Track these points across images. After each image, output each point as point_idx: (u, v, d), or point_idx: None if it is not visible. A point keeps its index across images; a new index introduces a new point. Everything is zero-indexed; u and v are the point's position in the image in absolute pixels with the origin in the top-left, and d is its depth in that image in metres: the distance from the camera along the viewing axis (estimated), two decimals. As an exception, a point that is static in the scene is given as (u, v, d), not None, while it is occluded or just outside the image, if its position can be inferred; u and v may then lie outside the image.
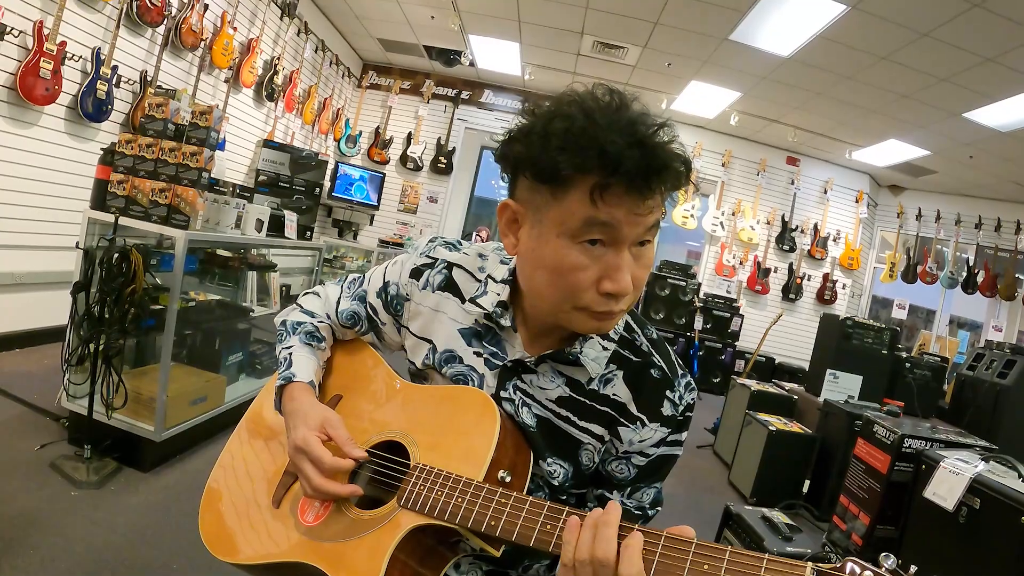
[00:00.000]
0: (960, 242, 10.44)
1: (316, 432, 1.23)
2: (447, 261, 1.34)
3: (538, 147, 1.00)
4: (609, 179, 0.95)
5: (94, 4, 4.86)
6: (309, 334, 1.44)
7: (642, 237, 1.03)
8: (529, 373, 1.23)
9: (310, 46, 8.41)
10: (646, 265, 1.07)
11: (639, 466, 1.23)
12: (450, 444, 1.17)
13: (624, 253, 1.02)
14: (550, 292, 1.08)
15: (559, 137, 0.97)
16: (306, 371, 1.37)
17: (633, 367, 1.23)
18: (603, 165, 0.95)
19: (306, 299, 1.51)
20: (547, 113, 1.02)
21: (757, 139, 10.56)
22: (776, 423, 4.96)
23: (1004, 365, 5.30)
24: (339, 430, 1.24)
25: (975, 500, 2.29)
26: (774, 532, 2.85)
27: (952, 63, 6.21)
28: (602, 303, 1.05)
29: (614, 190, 0.96)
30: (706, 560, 0.86)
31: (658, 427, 1.21)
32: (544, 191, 1.02)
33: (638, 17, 6.90)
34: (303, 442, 1.21)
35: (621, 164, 0.94)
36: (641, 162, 0.94)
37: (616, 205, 0.97)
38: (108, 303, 3.13)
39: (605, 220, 0.99)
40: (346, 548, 1.15)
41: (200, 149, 3.30)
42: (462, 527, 1.06)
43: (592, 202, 0.97)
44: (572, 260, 1.02)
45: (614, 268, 1.02)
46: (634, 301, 1.10)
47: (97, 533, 2.74)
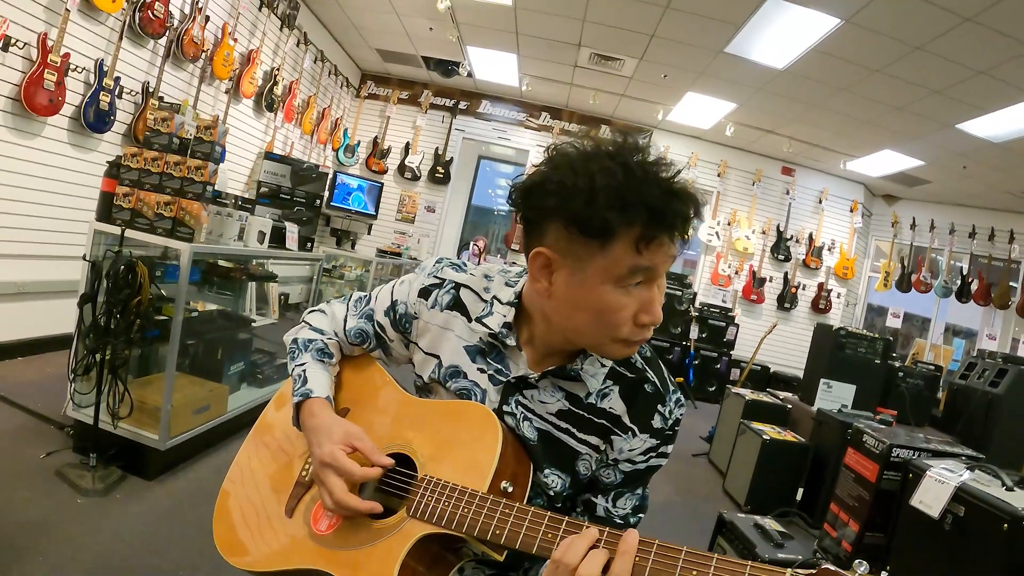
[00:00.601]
0: (954, 251, 10.48)
1: (341, 445, 1.28)
2: (455, 282, 1.41)
3: (583, 203, 1.06)
4: (652, 231, 1.05)
5: (97, 16, 4.92)
6: (320, 351, 1.49)
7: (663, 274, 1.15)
8: (530, 389, 1.30)
9: (309, 57, 8.48)
10: (663, 293, 1.17)
11: (625, 472, 1.30)
12: (455, 457, 1.24)
13: (654, 288, 1.14)
14: (591, 330, 1.17)
15: (606, 195, 1.04)
16: (322, 387, 1.42)
17: (628, 382, 1.30)
18: (648, 218, 1.04)
19: (313, 316, 1.56)
20: (583, 169, 1.07)
21: (753, 150, 10.63)
22: (770, 432, 5.00)
23: (996, 374, 5.35)
24: (364, 441, 1.30)
25: (960, 508, 2.35)
26: (766, 539, 2.91)
27: (945, 75, 6.29)
28: (638, 333, 1.16)
29: (658, 239, 1.07)
30: (694, 567, 0.93)
31: (648, 438, 1.28)
32: (590, 243, 1.09)
33: (635, 30, 6.97)
34: (330, 457, 1.26)
35: (665, 217, 1.05)
36: (680, 212, 1.06)
37: (656, 252, 1.08)
38: (114, 314, 3.18)
39: (647, 266, 1.09)
40: (359, 556, 1.21)
41: (204, 163, 3.35)
42: (469, 536, 1.13)
43: (637, 251, 1.07)
44: (616, 302, 1.12)
45: (649, 302, 1.14)
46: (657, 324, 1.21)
47: (103, 540, 2.77)
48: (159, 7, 5.35)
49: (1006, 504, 2.19)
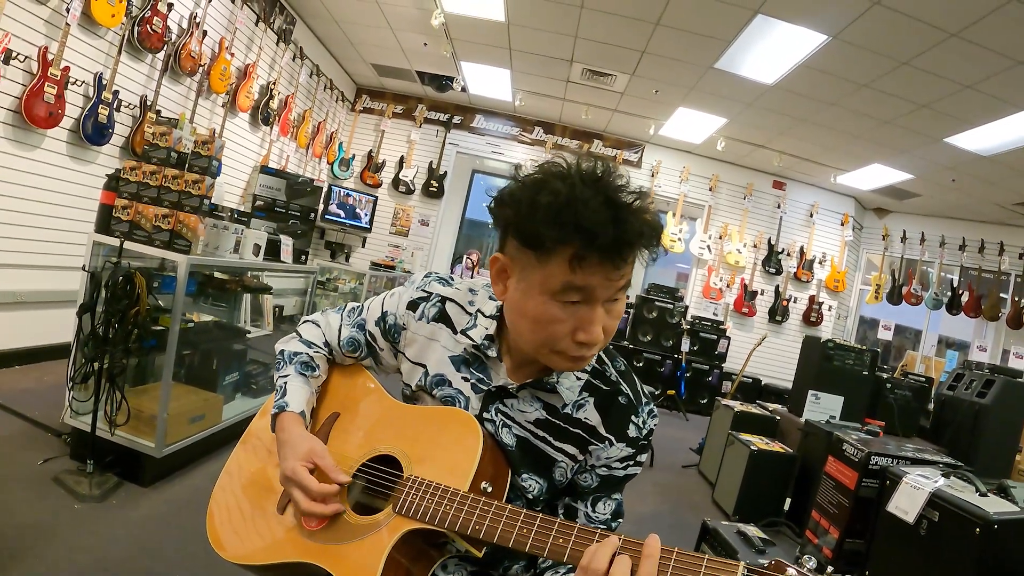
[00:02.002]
0: (944, 263, 10.56)
1: (303, 462, 1.36)
2: (441, 295, 1.49)
3: (525, 217, 1.14)
4: (585, 251, 1.09)
5: (97, 30, 5.00)
6: (304, 364, 1.56)
7: (614, 296, 1.18)
8: (510, 398, 1.37)
9: (305, 71, 8.57)
10: (616, 316, 1.21)
11: (603, 477, 1.37)
12: (438, 458, 1.31)
13: (597, 309, 1.16)
14: (531, 337, 1.23)
15: (544, 210, 1.10)
16: (298, 401, 1.50)
17: (603, 394, 1.38)
18: (581, 239, 1.08)
19: (305, 328, 1.64)
20: (534, 184, 1.15)
21: (744, 164, 10.72)
22: (758, 443, 5.06)
23: (984, 384, 5.40)
24: (325, 459, 1.38)
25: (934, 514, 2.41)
26: (748, 545, 2.97)
27: (932, 90, 6.38)
28: (576, 349, 1.20)
29: (590, 260, 1.09)
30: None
31: (624, 446, 1.36)
32: (529, 254, 1.16)
33: (626, 46, 7.06)
34: (292, 472, 1.35)
35: (597, 239, 1.07)
36: (614, 237, 1.08)
37: (591, 273, 1.11)
38: (113, 324, 3.24)
39: (581, 285, 1.13)
40: (347, 549, 1.28)
41: (202, 177, 3.42)
42: (450, 531, 1.21)
43: (571, 270, 1.11)
44: (551, 314, 1.17)
45: (587, 321, 1.16)
46: (605, 344, 1.25)
47: (100, 545, 2.81)
48: (157, 22, 5.42)
49: (979, 509, 2.25)
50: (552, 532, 1.11)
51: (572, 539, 1.09)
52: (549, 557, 1.12)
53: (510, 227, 1.20)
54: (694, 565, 0.99)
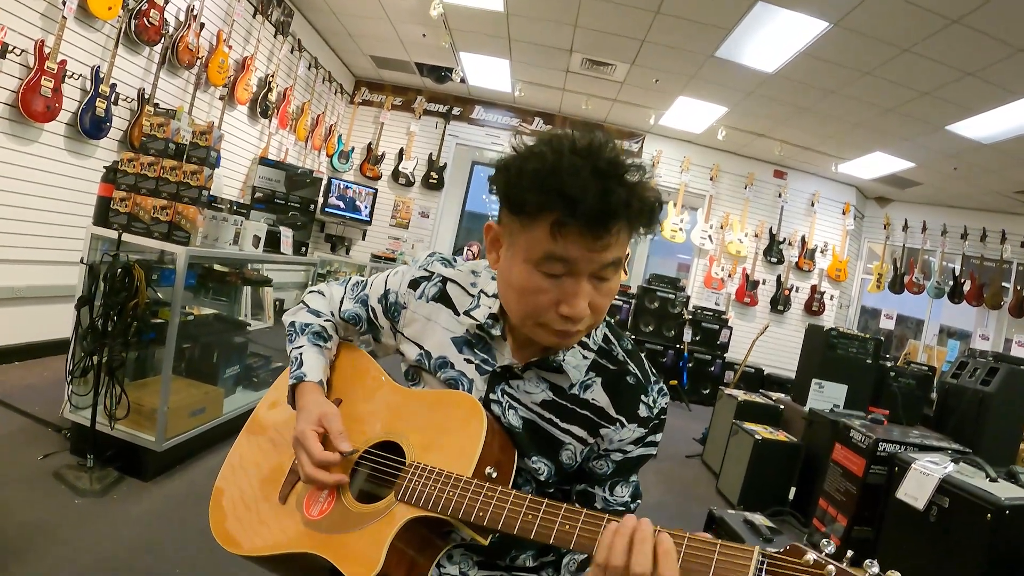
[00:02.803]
0: (946, 252, 10.54)
1: (313, 426, 1.36)
2: (442, 276, 1.46)
3: (513, 183, 1.12)
4: (567, 219, 1.05)
5: (93, 23, 4.96)
6: (316, 334, 1.55)
7: (601, 272, 1.13)
8: (516, 379, 1.34)
9: (303, 63, 8.53)
10: (607, 293, 1.17)
11: (617, 462, 1.34)
12: (442, 444, 1.28)
13: (582, 282, 1.12)
14: (517, 308, 1.21)
15: (530, 176, 1.08)
16: (316, 370, 1.49)
17: (610, 374, 1.35)
18: (563, 206, 1.04)
19: (311, 298, 1.63)
20: (526, 152, 1.13)
21: (744, 153, 10.69)
22: (762, 432, 5.04)
23: (987, 372, 5.36)
24: (333, 424, 1.37)
25: (944, 499, 2.39)
26: (755, 534, 2.95)
27: (933, 78, 6.34)
28: (560, 323, 1.16)
29: (571, 228, 1.06)
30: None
31: (636, 427, 1.33)
32: (516, 221, 1.14)
33: (626, 35, 7.03)
34: (300, 435, 1.35)
35: (577, 206, 1.03)
36: (596, 206, 1.04)
37: (572, 242, 1.08)
38: (111, 317, 3.21)
39: (562, 255, 1.09)
40: (349, 539, 1.26)
41: (200, 168, 3.38)
42: (454, 518, 1.18)
43: (552, 238, 1.08)
44: (535, 284, 1.14)
45: (571, 295, 1.13)
46: (596, 323, 1.22)
47: (101, 541, 2.80)
48: (154, 14, 5.39)
49: (989, 495, 2.23)
50: (558, 518, 1.08)
51: (579, 525, 1.06)
52: (555, 544, 1.08)
53: (500, 194, 1.18)
54: (706, 550, 0.95)
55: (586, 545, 1.04)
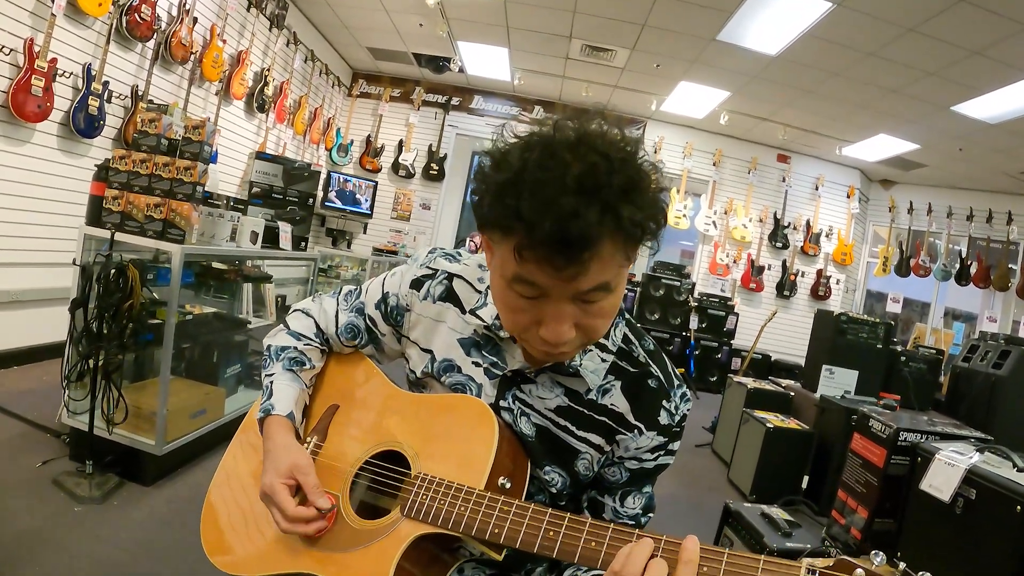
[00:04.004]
0: (952, 234, 10.45)
1: (283, 479, 1.24)
2: (448, 272, 1.34)
3: (481, 193, 0.99)
4: (526, 242, 0.91)
5: (84, 20, 4.88)
6: (292, 360, 1.43)
7: (585, 296, 0.99)
8: (528, 383, 1.25)
9: (300, 56, 8.43)
10: (599, 314, 1.03)
11: (632, 470, 1.25)
12: (449, 453, 1.19)
13: (561, 306, 0.99)
14: (504, 320, 1.11)
15: (491, 189, 0.95)
16: (285, 402, 1.37)
17: (631, 377, 1.25)
18: (522, 228, 0.91)
19: (294, 318, 1.51)
20: (498, 155, 0.98)
21: (747, 138, 10.60)
22: (773, 420, 4.98)
23: (999, 356, 5.32)
24: (308, 477, 1.25)
25: (971, 491, 2.32)
26: (773, 529, 2.88)
27: (939, 57, 6.25)
28: (540, 345, 1.05)
29: (532, 254, 0.92)
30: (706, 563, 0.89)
31: (655, 435, 1.23)
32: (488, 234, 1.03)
33: (625, 20, 6.93)
34: (270, 490, 1.23)
35: (534, 232, 0.89)
36: (555, 233, 0.88)
37: (537, 268, 0.94)
38: (106, 319, 3.14)
39: (529, 280, 0.97)
40: (352, 559, 1.17)
41: (194, 163, 3.31)
42: (466, 535, 1.08)
43: (516, 261, 0.95)
44: (511, 302, 1.03)
45: (549, 317, 1.00)
46: (590, 341, 1.09)
47: (101, 548, 2.74)
48: (146, 10, 5.30)
49: (1019, 486, 2.16)
50: (583, 534, 0.99)
51: (607, 542, 0.97)
52: (581, 563, 0.99)
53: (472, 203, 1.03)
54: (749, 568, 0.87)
55: None
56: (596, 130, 0.96)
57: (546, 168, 0.90)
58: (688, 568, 0.90)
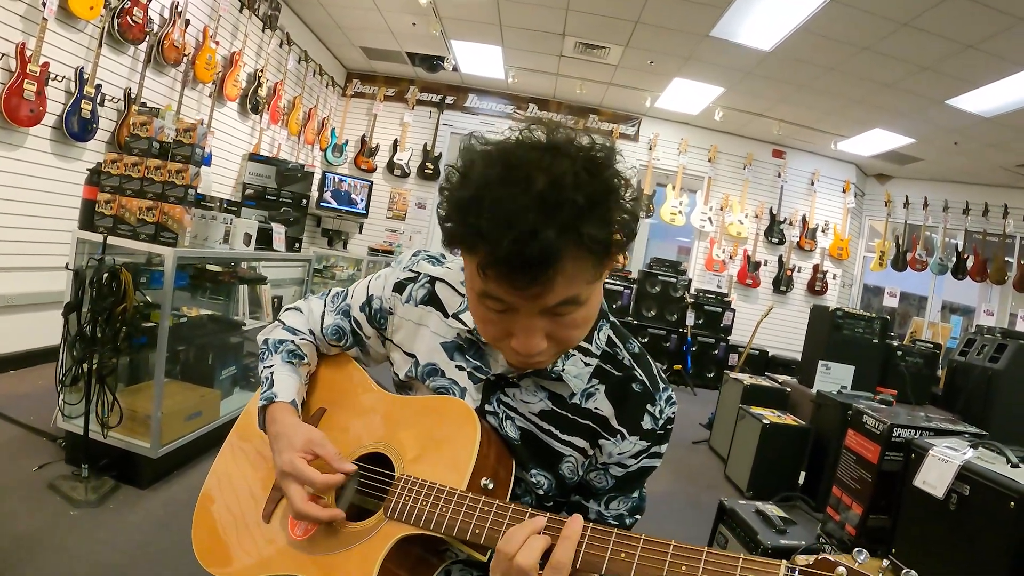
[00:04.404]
0: (948, 228, 10.46)
1: (301, 453, 1.23)
2: (430, 275, 1.35)
3: (443, 210, 0.98)
4: (488, 261, 0.91)
5: (75, 24, 4.87)
6: (290, 352, 1.43)
7: (555, 309, 0.99)
8: (512, 387, 1.24)
9: (293, 57, 8.43)
10: (572, 325, 1.03)
11: (616, 477, 1.25)
12: (433, 454, 1.19)
13: (531, 319, 1.00)
14: (478, 328, 1.12)
15: (454, 209, 0.96)
16: (287, 390, 1.37)
17: (615, 381, 1.25)
18: (482, 247, 0.91)
19: (288, 315, 1.51)
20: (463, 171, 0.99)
21: (742, 133, 10.60)
22: (770, 416, 4.98)
23: (995, 349, 5.31)
24: (326, 447, 1.25)
25: (964, 487, 2.31)
26: (768, 526, 2.88)
27: (933, 51, 6.25)
28: (513, 357, 1.06)
29: (494, 272, 0.92)
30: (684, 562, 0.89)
31: (637, 440, 1.23)
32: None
33: (619, 17, 6.93)
34: (290, 466, 1.22)
35: (494, 252, 0.89)
36: (513, 254, 0.88)
37: (499, 285, 0.94)
38: (100, 322, 3.14)
39: (496, 296, 0.97)
40: (336, 560, 1.17)
41: (185, 166, 3.31)
42: (448, 536, 1.09)
43: (480, 278, 0.96)
44: (482, 314, 1.05)
45: (520, 329, 1.01)
46: (564, 350, 1.11)
47: (98, 551, 2.75)
48: (138, 13, 5.30)
49: (1012, 481, 2.16)
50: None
51: (585, 542, 0.97)
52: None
53: None
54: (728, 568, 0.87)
55: (594, 563, 0.95)
56: (563, 140, 0.95)
57: (507, 184, 0.90)
58: (566, 544, 0.94)
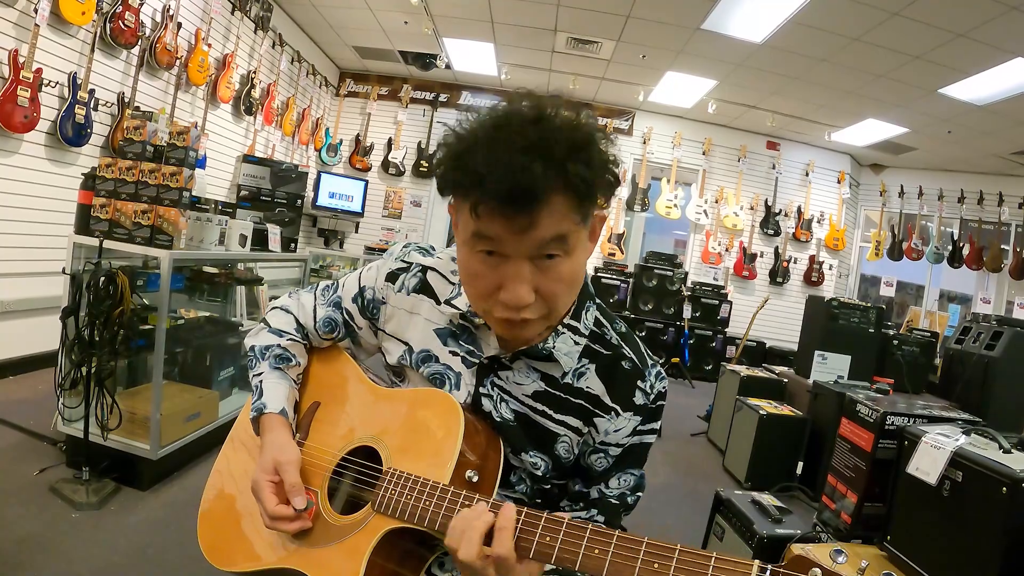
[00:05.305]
0: (944, 217, 10.48)
1: (268, 475, 1.27)
2: (421, 265, 1.37)
3: (440, 163, 1.07)
4: (481, 197, 0.99)
5: (67, 29, 4.88)
6: (278, 357, 1.45)
7: (538, 251, 1.05)
8: (505, 369, 1.27)
9: (286, 58, 8.42)
10: (557, 278, 1.08)
11: (615, 456, 1.27)
12: (419, 448, 1.21)
13: (519, 265, 1.05)
14: (467, 292, 1.16)
15: (450, 158, 1.04)
16: (276, 400, 1.40)
17: (604, 360, 1.28)
18: (475, 183, 0.99)
19: (272, 315, 1.52)
20: (458, 131, 1.06)
21: (736, 126, 10.60)
22: (767, 407, 5.00)
23: (991, 337, 5.32)
24: (288, 475, 1.27)
25: (957, 473, 2.33)
26: (764, 515, 2.89)
27: (923, 40, 6.27)
28: (503, 310, 1.09)
29: (486, 207, 1.00)
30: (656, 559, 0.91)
31: (631, 415, 1.26)
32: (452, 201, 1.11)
33: (610, 11, 6.94)
34: (255, 487, 1.28)
35: (484, 183, 0.97)
36: (505, 181, 0.96)
37: (492, 221, 1.01)
38: (97, 326, 3.16)
39: (487, 235, 1.03)
40: (327, 553, 1.20)
41: (179, 169, 3.32)
42: (431, 529, 1.10)
43: (473, 217, 1.02)
44: (474, 267, 1.09)
45: (507, 278, 1.06)
46: (551, 311, 1.13)
47: (99, 554, 2.76)
48: (130, 17, 5.30)
49: (1004, 467, 2.17)
50: (538, 528, 1.00)
51: (560, 536, 0.98)
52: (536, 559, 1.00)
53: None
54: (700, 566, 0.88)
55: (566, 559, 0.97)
56: (549, 104, 1.06)
57: (500, 131, 1.00)
58: (502, 534, 0.99)
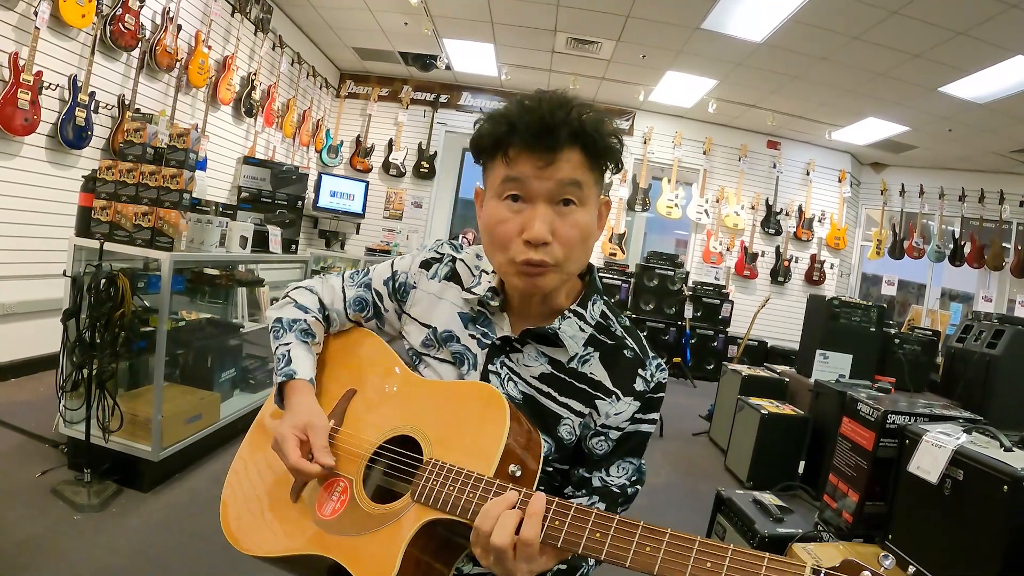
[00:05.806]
0: (945, 215, 10.47)
1: (296, 432, 1.31)
2: (452, 256, 1.49)
3: (477, 133, 1.25)
4: (511, 139, 1.17)
5: (68, 32, 4.88)
6: (304, 331, 1.50)
7: (557, 194, 1.18)
8: (515, 352, 1.32)
9: (286, 59, 8.43)
10: (573, 225, 1.20)
11: (615, 440, 1.30)
12: (462, 439, 1.21)
13: (540, 207, 1.18)
14: (491, 250, 1.26)
15: (486, 123, 1.23)
16: (306, 368, 1.44)
17: (607, 349, 1.33)
18: (507, 130, 1.17)
19: (298, 293, 1.57)
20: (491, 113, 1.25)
21: (736, 125, 10.59)
22: (768, 406, 5.00)
23: (993, 335, 5.32)
24: (318, 438, 1.31)
25: (959, 472, 2.32)
26: (765, 515, 2.89)
27: (923, 39, 6.27)
28: (523, 252, 1.18)
29: (515, 147, 1.17)
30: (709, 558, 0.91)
31: (631, 401, 1.29)
32: (485, 168, 1.27)
33: (610, 11, 6.94)
34: (280, 437, 1.30)
35: (516, 125, 1.15)
36: (533, 122, 1.14)
37: (520, 160, 1.17)
38: (98, 328, 3.16)
39: (515, 176, 1.18)
40: (362, 542, 1.19)
41: (180, 171, 3.33)
42: (472, 522, 1.09)
43: (504, 162, 1.19)
44: (499, 215, 1.21)
45: (529, 218, 1.17)
46: (567, 259, 1.21)
47: (101, 556, 2.77)
48: (130, 19, 5.31)
49: (1005, 465, 2.16)
50: (588, 525, 1.01)
51: (611, 533, 0.99)
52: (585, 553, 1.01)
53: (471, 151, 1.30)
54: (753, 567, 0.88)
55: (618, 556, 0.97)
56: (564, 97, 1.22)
57: (534, 100, 1.19)
58: (532, 520, 1.01)
